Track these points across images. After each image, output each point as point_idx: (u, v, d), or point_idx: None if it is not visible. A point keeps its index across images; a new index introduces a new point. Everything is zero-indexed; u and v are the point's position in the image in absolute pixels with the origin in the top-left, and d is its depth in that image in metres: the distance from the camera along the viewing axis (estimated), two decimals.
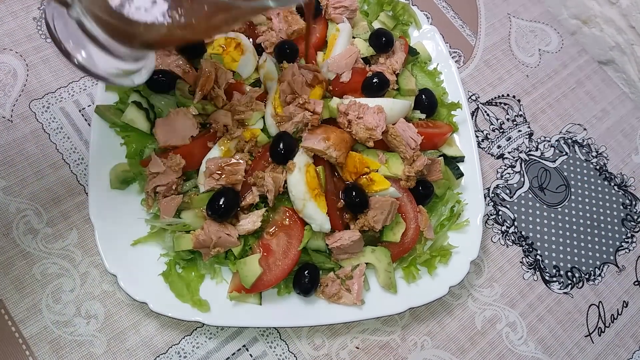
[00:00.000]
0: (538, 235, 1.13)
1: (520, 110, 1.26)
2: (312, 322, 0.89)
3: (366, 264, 0.93)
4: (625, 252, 1.16)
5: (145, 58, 0.80)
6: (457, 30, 1.31)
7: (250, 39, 1.04)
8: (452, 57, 1.19)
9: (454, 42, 1.30)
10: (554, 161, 1.22)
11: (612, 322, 1.09)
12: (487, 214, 1.13)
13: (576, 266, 1.12)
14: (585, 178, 1.22)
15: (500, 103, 1.25)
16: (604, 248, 1.15)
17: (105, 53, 0.71)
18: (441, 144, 1.05)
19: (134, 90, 0.95)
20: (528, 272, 1.09)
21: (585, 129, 1.27)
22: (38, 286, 0.89)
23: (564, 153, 1.23)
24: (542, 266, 1.10)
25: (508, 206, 1.15)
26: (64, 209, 0.95)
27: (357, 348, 0.95)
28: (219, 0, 0.56)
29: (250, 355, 0.91)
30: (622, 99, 1.33)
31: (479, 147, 1.19)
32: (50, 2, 0.67)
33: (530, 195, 1.17)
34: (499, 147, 1.20)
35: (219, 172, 0.88)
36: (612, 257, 1.15)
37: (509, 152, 1.20)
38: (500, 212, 1.14)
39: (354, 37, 1.09)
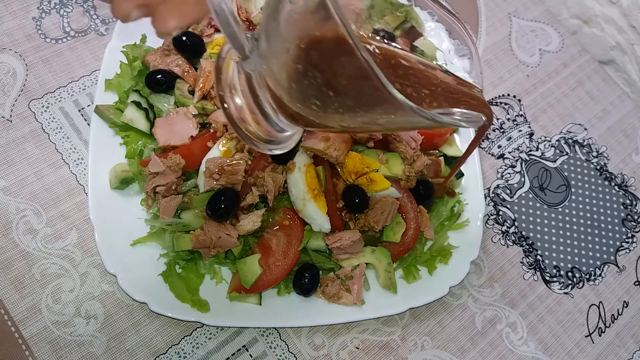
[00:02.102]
0: (538, 235, 1.13)
1: (520, 110, 1.26)
2: (312, 322, 0.89)
3: (366, 264, 0.93)
4: (626, 252, 1.16)
5: (292, 133, 0.72)
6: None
7: None
8: None
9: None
10: (555, 161, 1.22)
11: (613, 322, 1.09)
12: (487, 214, 1.13)
13: (576, 266, 1.12)
14: (586, 178, 1.21)
15: (501, 103, 1.25)
16: (604, 248, 1.15)
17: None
18: (441, 143, 1.05)
19: (134, 90, 0.95)
20: (528, 272, 1.09)
21: (585, 129, 1.27)
22: (38, 286, 0.89)
23: (565, 153, 1.23)
24: (542, 266, 1.10)
25: (508, 206, 1.14)
26: (63, 209, 0.95)
27: (357, 348, 0.95)
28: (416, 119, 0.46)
29: (250, 355, 0.91)
30: (623, 99, 1.32)
31: (480, 147, 1.19)
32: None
33: (530, 195, 1.16)
34: (499, 147, 1.20)
35: (219, 172, 0.88)
36: (612, 257, 1.15)
37: (509, 152, 1.20)
38: (500, 212, 1.13)
39: None
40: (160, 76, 0.94)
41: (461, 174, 1.04)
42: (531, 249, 1.11)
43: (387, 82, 0.43)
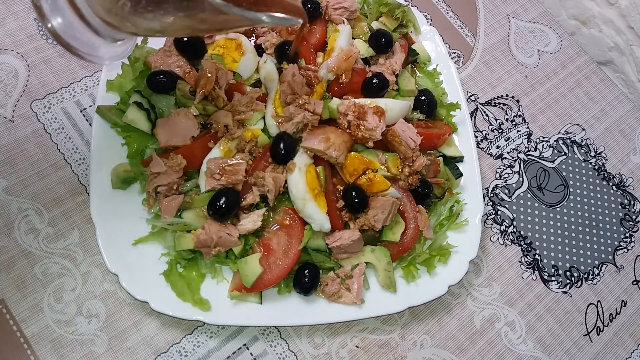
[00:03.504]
0: (537, 235, 1.13)
1: (519, 110, 1.26)
2: (312, 321, 0.90)
3: (366, 263, 0.93)
4: (624, 251, 1.17)
5: (126, 43, 0.75)
6: (456, 31, 1.32)
7: (251, 40, 1.04)
8: (452, 58, 1.19)
9: (454, 43, 1.30)
10: (553, 161, 1.22)
11: (611, 321, 1.09)
12: (486, 214, 1.13)
13: (575, 266, 1.12)
14: (584, 178, 1.22)
15: (499, 103, 1.26)
16: (602, 248, 1.16)
17: (85, 26, 0.64)
18: (440, 144, 1.05)
19: (135, 91, 0.96)
20: (527, 271, 1.10)
21: (583, 129, 1.28)
22: (39, 285, 0.90)
23: (563, 153, 1.24)
24: (540, 265, 1.11)
25: (507, 206, 1.15)
26: (65, 209, 0.95)
27: (357, 347, 0.95)
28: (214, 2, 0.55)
29: (251, 354, 0.92)
30: (621, 99, 1.33)
31: (478, 147, 1.19)
32: None
33: (529, 195, 1.17)
34: (498, 147, 1.21)
35: (220, 172, 0.88)
36: (610, 257, 1.15)
37: (507, 152, 1.21)
38: (499, 212, 1.14)
39: (353, 38, 1.09)
40: (161, 77, 0.95)
41: (460, 174, 1.04)
42: (529, 249, 1.12)
43: None
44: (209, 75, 0.92)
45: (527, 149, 1.22)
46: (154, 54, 0.98)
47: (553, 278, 1.10)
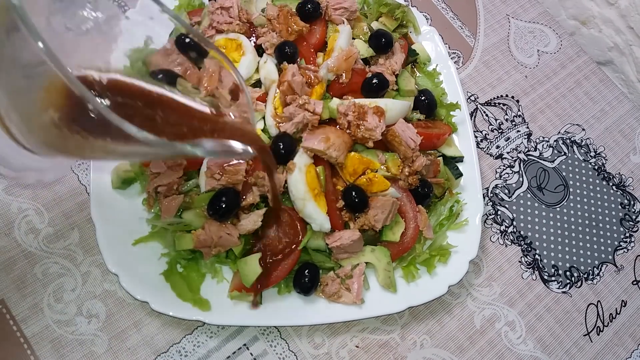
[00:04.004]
0: (537, 235, 1.13)
1: (519, 110, 1.26)
2: (312, 321, 0.90)
3: (366, 263, 0.93)
4: (624, 251, 1.17)
5: (58, 163, 0.73)
6: (456, 31, 1.32)
7: (251, 40, 1.04)
8: (451, 58, 1.19)
9: (453, 43, 1.30)
10: (553, 161, 1.22)
11: (611, 321, 1.09)
12: (486, 214, 1.13)
13: (575, 266, 1.12)
14: (584, 178, 1.22)
15: (499, 103, 1.26)
16: (602, 248, 1.16)
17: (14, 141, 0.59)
18: (440, 144, 1.05)
19: None
20: (527, 271, 1.10)
21: (583, 129, 1.28)
22: (39, 285, 0.90)
23: (563, 153, 1.24)
24: (540, 265, 1.11)
25: (507, 206, 1.15)
26: (65, 209, 0.95)
27: (357, 347, 0.95)
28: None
29: (251, 354, 0.92)
30: (621, 99, 1.33)
31: (478, 147, 1.19)
32: None
33: (529, 195, 1.17)
34: (497, 147, 1.21)
35: (220, 172, 0.88)
36: (610, 257, 1.16)
37: (507, 152, 1.21)
38: (499, 212, 1.14)
39: (353, 38, 1.09)
40: (161, 76, 0.94)
41: (460, 174, 1.04)
42: (529, 249, 1.12)
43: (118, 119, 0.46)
44: (212, 74, 0.92)
45: (527, 149, 1.22)
46: (154, 54, 0.98)
47: (553, 278, 1.10)
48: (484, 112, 1.24)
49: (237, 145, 0.60)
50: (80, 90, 0.45)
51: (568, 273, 1.11)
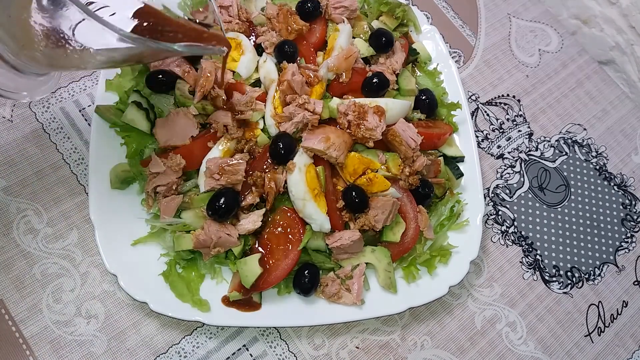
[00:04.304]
0: (538, 235, 1.13)
1: (520, 110, 1.26)
2: (312, 321, 0.90)
3: (366, 263, 0.93)
4: (625, 252, 1.16)
5: (49, 78, 0.79)
6: (457, 30, 1.31)
7: (251, 39, 1.04)
8: (452, 57, 1.19)
9: (454, 42, 1.30)
10: (554, 161, 1.22)
11: (612, 322, 1.09)
12: (486, 214, 1.13)
13: (576, 266, 1.12)
14: (585, 178, 1.22)
15: (500, 103, 1.26)
16: (603, 248, 1.15)
17: (5, 64, 0.68)
18: (441, 144, 1.05)
19: (134, 90, 0.95)
20: (528, 272, 1.09)
21: (585, 129, 1.28)
22: (38, 286, 0.89)
23: (564, 153, 1.23)
24: (541, 266, 1.10)
25: (508, 206, 1.15)
26: (64, 209, 0.95)
27: (357, 348, 0.95)
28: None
29: (251, 355, 0.92)
30: (622, 99, 1.33)
31: (479, 147, 1.19)
32: None
33: (530, 195, 1.17)
34: (498, 147, 1.21)
35: (219, 172, 0.88)
36: (611, 257, 1.15)
37: (508, 152, 1.20)
38: (500, 212, 1.14)
39: (353, 37, 1.09)
40: (161, 76, 0.94)
41: (461, 174, 1.04)
42: (530, 249, 1.11)
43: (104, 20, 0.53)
44: (209, 75, 0.92)
45: (528, 149, 1.22)
46: None
47: (554, 278, 1.10)
48: (485, 111, 1.24)
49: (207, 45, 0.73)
50: None
51: (569, 273, 1.11)
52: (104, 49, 0.62)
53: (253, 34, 1.05)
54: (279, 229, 0.90)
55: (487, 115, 1.23)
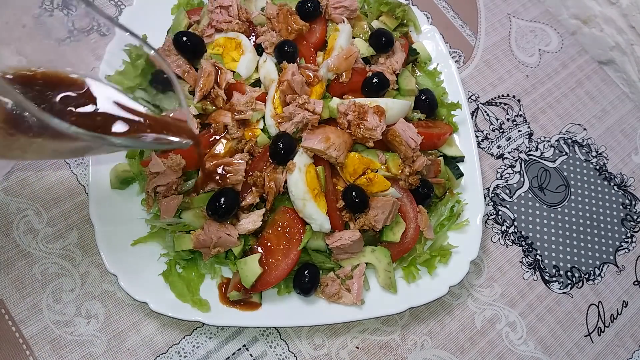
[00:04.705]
0: (538, 235, 1.13)
1: (520, 110, 1.26)
2: (312, 321, 0.90)
3: (366, 263, 0.93)
4: (625, 252, 1.16)
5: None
6: (457, 30, 1.31)
7: (251, 39, 1.04)
8: (452, 57, 1.19)
9: (454, 42, 1.30)
10: (554, 161, 1.22)
11: (612, 322, 1.09)
12: (487, 214, 1.13)
13: (576, 266, 1.12)
14: (585, 178, 1.22)
15: (500, 103, 1.26)
16: (603, 248, 1.15)
17: None
18: (441, 144, 1.05)
19: (139, 89, 0.95)
20: (528, 272, 1.09)
21: (585, 129, 1.28)
22: (38, 286, 0.89)
23: (564, 153, 1.23)
24: (541, 266, 1.10)
25: (508, 206, 1.15)
26: (64, 209, 0.95)
27: (357, 348, 0.95)
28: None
29: (251, 355, 0.92)
30: (622, 99, 1.33)
31: (479, 147, 1.19)
32: None
33: (530, 195, 1.17)
34: (498, 147, 1.21)
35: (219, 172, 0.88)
36: (611, 257, 1.15)
37: (508, 152, 1.20)
38: (500, 212, 1.14)
39: (353, 37, 1.09)
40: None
41: (461, 174, 1.04)
42: (530, 249, 1.11)
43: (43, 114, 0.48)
44: (208, 74, 0.92)
45: (528, 149, 1.22)
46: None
47: (554, 278, 1.10)
48: (485, 111, 1.23)
49: (173, 138, 0.68)
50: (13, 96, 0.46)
51: (569, 273, 1.11)
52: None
53: (253, 34, 1.05)
54: (279, 229, 0.90)
55: (487, 115, 1.23)
